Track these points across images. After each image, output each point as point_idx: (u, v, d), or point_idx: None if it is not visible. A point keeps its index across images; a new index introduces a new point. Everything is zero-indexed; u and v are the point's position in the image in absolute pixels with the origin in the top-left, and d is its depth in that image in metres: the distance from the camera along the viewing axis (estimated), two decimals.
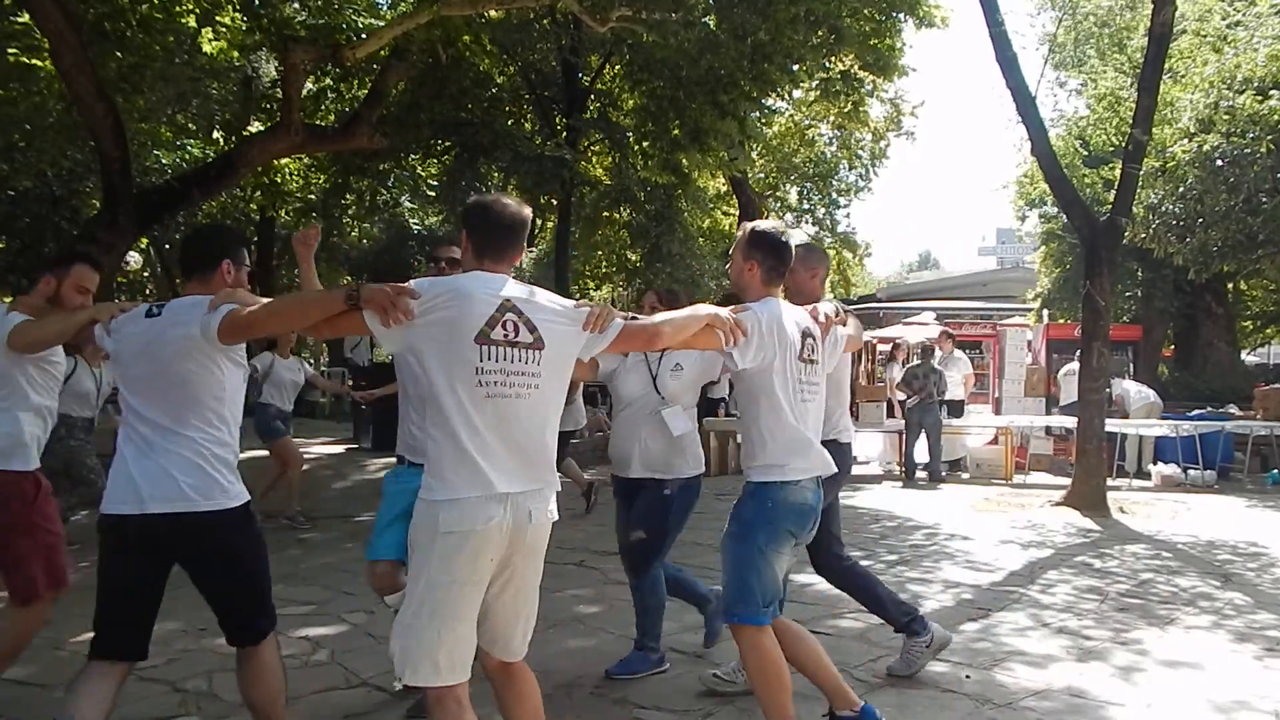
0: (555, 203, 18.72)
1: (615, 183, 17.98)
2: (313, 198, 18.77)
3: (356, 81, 13.93)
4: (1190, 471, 11.41)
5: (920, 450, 11.79)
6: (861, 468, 13.65)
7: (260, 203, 18.43)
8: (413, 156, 17.10)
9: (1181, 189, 13.33)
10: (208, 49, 13.24)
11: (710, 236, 26.82)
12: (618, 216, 19.53)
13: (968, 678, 4.16)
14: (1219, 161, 12.80)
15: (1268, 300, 22.37)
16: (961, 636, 4.83)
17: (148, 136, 14.08)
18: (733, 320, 3.06)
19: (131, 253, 18.15)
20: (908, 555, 7.03)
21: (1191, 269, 14.03)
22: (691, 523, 8.29)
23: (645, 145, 16.47)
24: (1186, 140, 12.90)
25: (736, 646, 3.32)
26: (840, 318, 3.62)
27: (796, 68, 13.88)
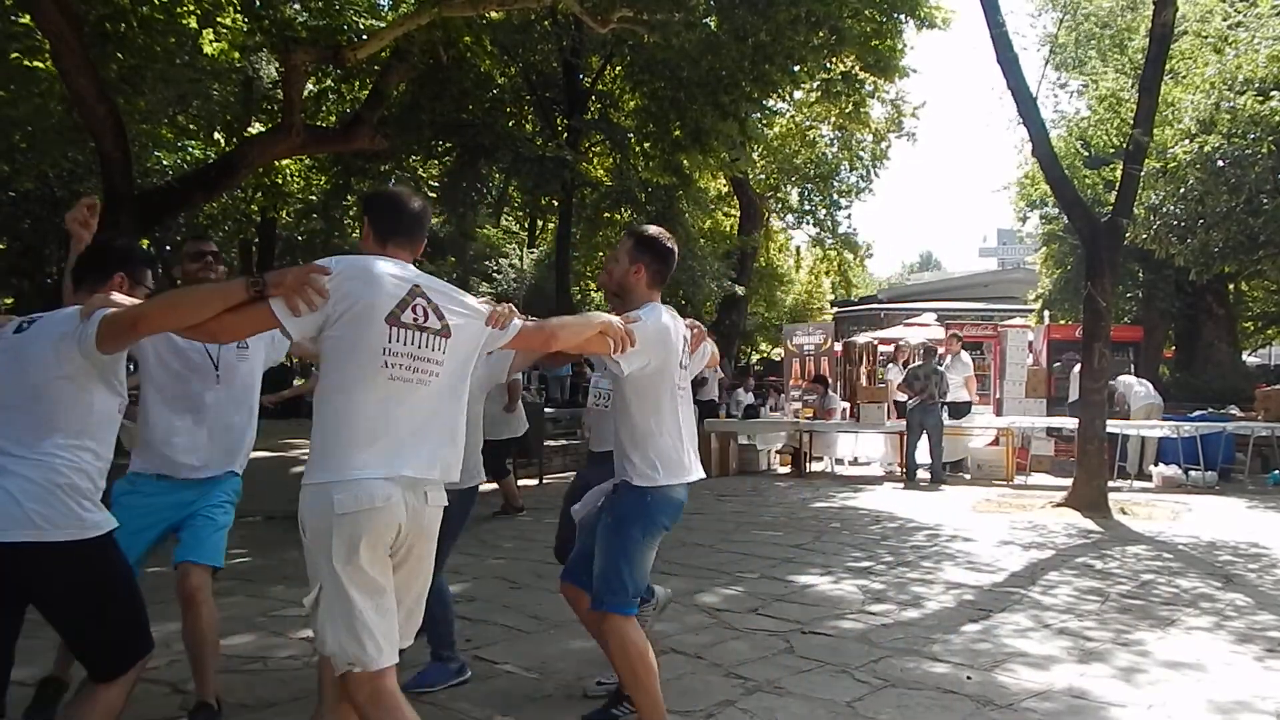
0: (556, 203, 18.77)
1: (616, 183, 18.00)
2: (314, 199, 18.83)
3: (357, 83, 13.95)
4: (1191, 472, 11.40)
5: (921, 451, 11.79)
6: (863, 469, 13.68)
7: (261, 204, 18.46)
8: (414, 158, 17.13)
9: (1182, 190, 13.32)
10: (209, 50, 13.25)
11: (711, 237, 26.83)
12: (619, 217, 19.52)
13: (969, 679, 4.15)
14: (1220, 162, 12.79)
15: (1269, 301, 22.37)
16: (963, 637, 4.82)
17: (149, 138, 14.10)
18: (624, 329, 3.06)
19: None
20: (909, 556, 7.02)
21: (1193, 270, 14.02)
22: (692, 524, 8.35)
23: (646, 146, 16.50)
24: (1188, 141, 12.89)
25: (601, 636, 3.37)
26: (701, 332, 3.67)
27: (797, 69, 13.89)
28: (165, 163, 15.92)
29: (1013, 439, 12.25)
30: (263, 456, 8.54)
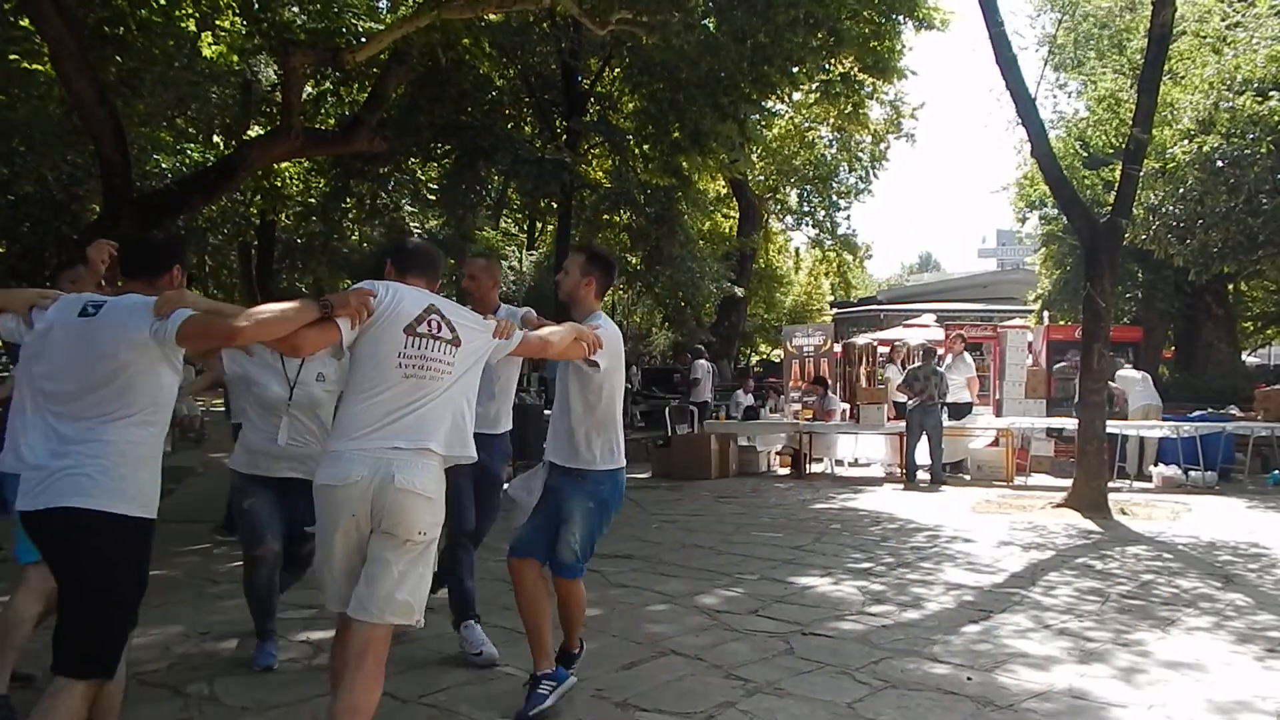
0: (555, 205, 18.75)
1: (615, 185, 17.99)
2: (313, 201, 18.80)
3: (356, 85, 13.93)
4: (1191, 473, 11.40)
5: (921, 452, 11.78)
6: (863, 470, 13.68)
7: (260, 206, 18.46)
8: (413, 160, 17.12)
9: (1182, 190, 13.33)
10: (207, 53, 13.25)
11: (711, 239, 26.83)
12: (618, 219, 19.53)
13: (969, 680, 4.15)
14: (1219, 162, 12.81)
15: (1268, 301, 22.37)
16: (963, 638, 4.83)
17: (148, 140, 14.10)
18: (593, 335, 3.54)
19: None
20: (909, 557, 7.03)
21: (1192, 270, 14.03)
22: (692, 526, 8.36)
23: (645, 148, 16.49)
24: (1186, 141, 12.90)
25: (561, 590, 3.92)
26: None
27: (796, 70, 13.90)
28: (164, 165, 15.91)
29: (1012, 440, 12.25)
30: None
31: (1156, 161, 13.10)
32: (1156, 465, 11.71)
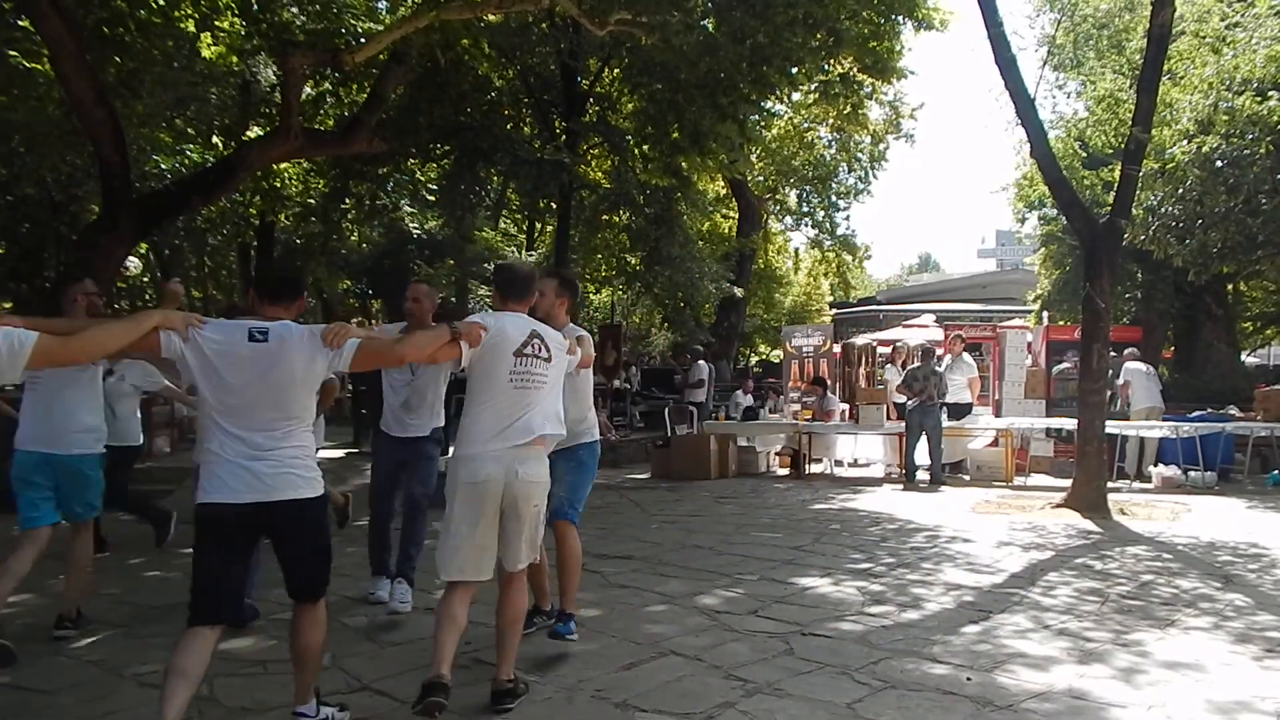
0: (554, 206, 18.73)
1: (615, 186, 17.97)
2: (312, 202, 18.77)
3: (355, 86, 13.93)
4: (1191, 473, 11.39)
5: (921, 452, 11.78)
6: (862, 470, 13.68)
7: (260, 207, 18.42)
8: (412, 160, 17.09)
9: (1181, 190, 13.32)
10: (206, 54, 13.25)
11: (710, 239, 26.81)
12: (617, 220, 19.51)
13: (969, 680, 4.16)
14: (1218, 163, 12.80)
15: (1267, 301, 22.38)
16: (962, 639, 4.83)
17: (147, 141, 14.08)
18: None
19: (131, 258, 18.14)
20: (908, 558, 7.03)
21: (1191, 270, 14.03)
22: (692, 526, 8.37)
23: (645, 148, 16.48)
24: (1186, 141, 12.90)
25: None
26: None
27: (795, 70, 13.88)
28: (164, 166, 15.88)
29: (1012, 440, 12.25)
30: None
31: (1156, 162, 13.09)
32: (1156, 465, 11.71)
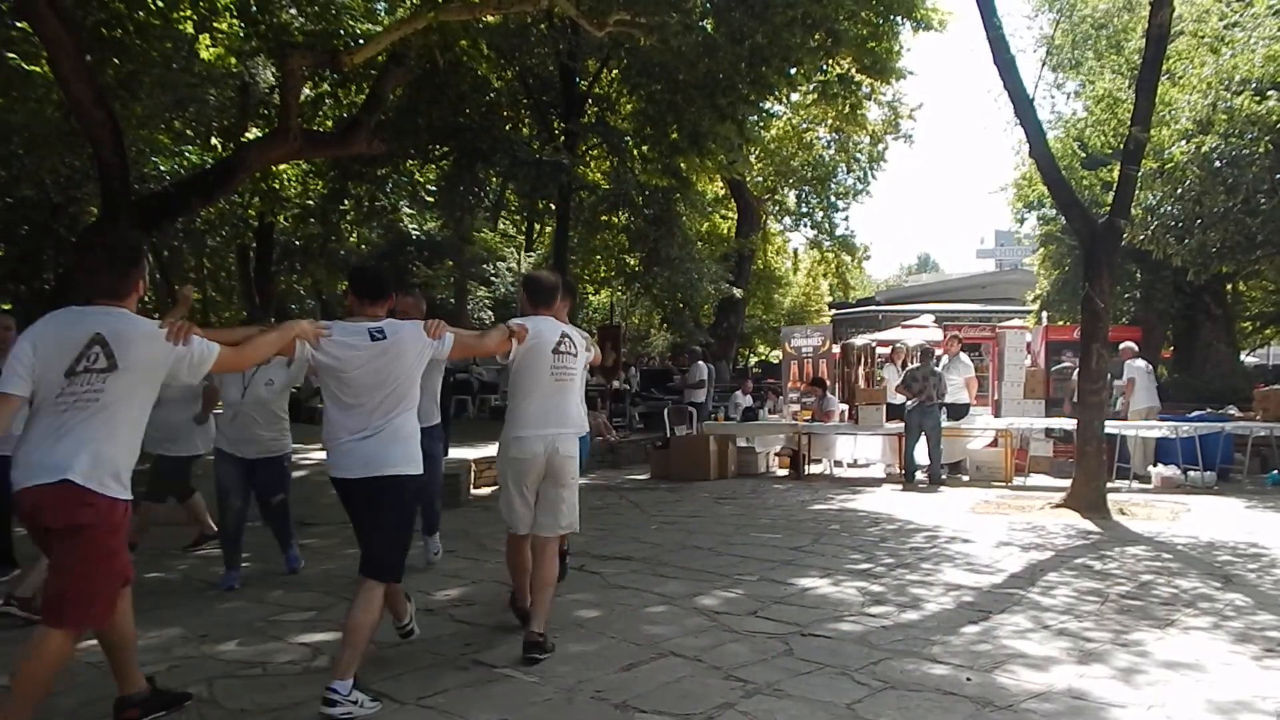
0: (553, 207, 18.74)
1: (614, 187, 17.96)
2: (311, 203, 18.79)
3: (354, 87, 13.93)
4: (1190, 473, 11.38)
5: (920, 453, 11.77)
6: (861, 471, 13.67)
7: (259, 208, 18.45)
8: (411, 161, 17.11)
9: (1180, 190, 13.33)
10: (205, 55, 13.26)
11: (709, 240, 26.82)
12: (616, 220, 19.50)
13: (969, 680, 4.15)
14: (1217, 162, 12.81)
15: (1266, 301, 22.40)
16: (962, 639, 4.82)
17: (146, 143, 14.11)
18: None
19: None
20: (908, 558, 7.02)
21: (1190, 270, 14.03)
22: (691, 527, 8.37)
23: (644, 149, 16.49)
24: (1185, 141, 12.90)
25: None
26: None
27: (794, 71, 13.91)
28: (163, 168, 15.90)
29: (1011, 440, 12.25)
30: None
31: (1155, 162, 13.09)
32: (1155, 465, 11.70)
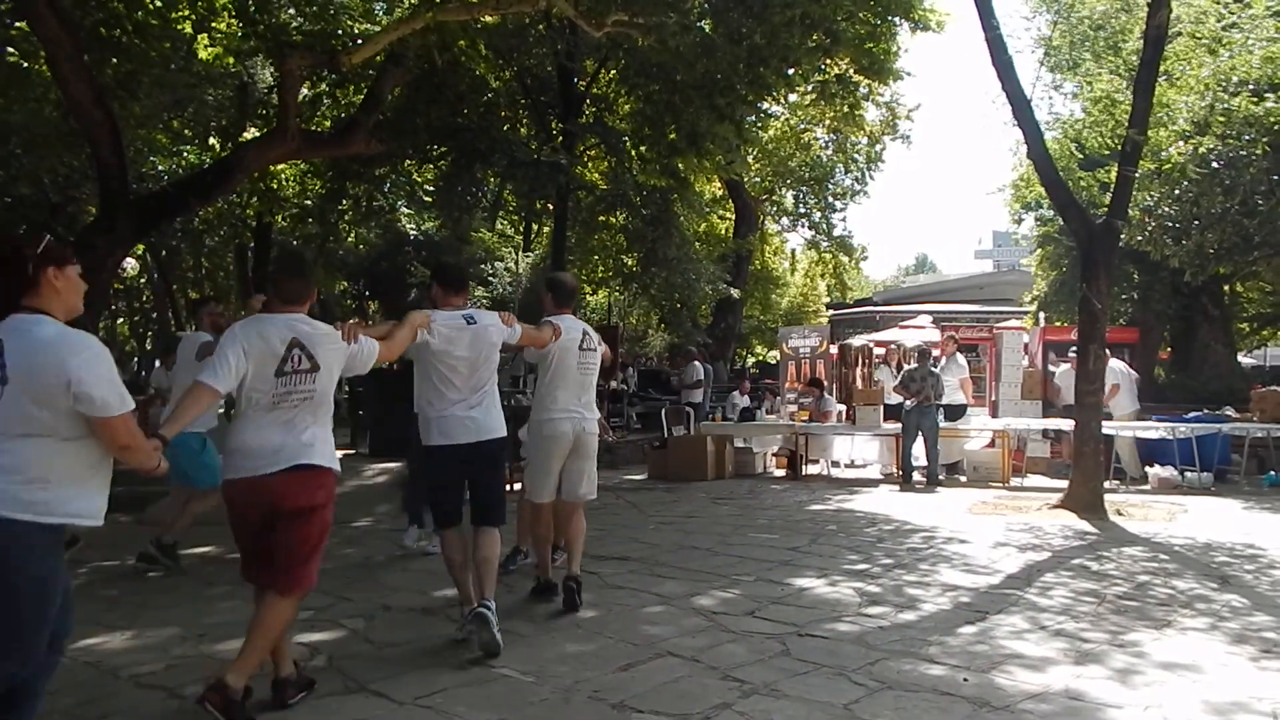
0: (551, 207, 18.73)
1: (611, 187, 17.96)
2: (309, 203, 18.79)
3: (352, 87, 13.93)
4: (1187, 474, 11.38)
5: (917, 453, 11.77)
6: (859, 471, 13.68)
7: (257, 208, 18.44)
8: (409, 162, 17.09)
9: (1177, 191, 13.33)
10: (204, 55, 13.26)
11: (707, 241, 26.82)
12: (614, 221, 19.50)
13: (965, 680, 4.16)
14: (1215, 164, 12.81)
15: (1264, 302, 22.41)
16: (959, 639, 4.83)
17: (144, 143, 14.10)
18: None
19: (128, 259, 18.13)
20: (905, 559, 7.03)
21: (1188, 271, 14.03)
22: (689, 527, 8.38)
23: (642, 149, 16.48)
24: (1182, 142, 12.90)
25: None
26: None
27: (792, 71, 13.90)
28: (161, 168, 15.90)
29: (1008, 441, 12.26)
30: None
31: (1152, 163, 13.09)
32: (1151, 466, 11.70)
